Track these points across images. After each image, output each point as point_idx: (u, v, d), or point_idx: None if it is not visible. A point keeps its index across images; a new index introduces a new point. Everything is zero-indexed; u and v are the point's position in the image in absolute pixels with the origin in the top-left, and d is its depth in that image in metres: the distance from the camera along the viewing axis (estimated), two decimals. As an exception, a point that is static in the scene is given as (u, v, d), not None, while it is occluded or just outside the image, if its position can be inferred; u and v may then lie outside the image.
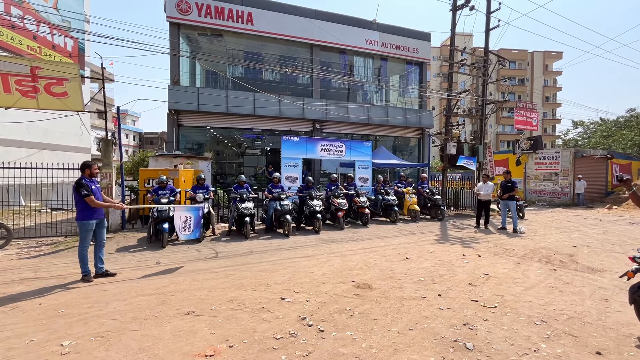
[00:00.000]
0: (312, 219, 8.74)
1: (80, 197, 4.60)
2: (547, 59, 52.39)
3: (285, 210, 8.27)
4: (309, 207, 8.74)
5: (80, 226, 4.73)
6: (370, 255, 6.19)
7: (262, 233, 8.42)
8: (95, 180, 4.95)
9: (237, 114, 14.68)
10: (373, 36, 17.40)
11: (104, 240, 5.03)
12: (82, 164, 4.88)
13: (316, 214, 8.60)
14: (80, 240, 4.76)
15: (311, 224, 8.91)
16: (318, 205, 8.73)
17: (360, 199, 10.00)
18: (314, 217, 8.63)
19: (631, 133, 26.19)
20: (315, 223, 8.65)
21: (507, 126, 47.82)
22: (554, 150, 19.51)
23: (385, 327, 3.26)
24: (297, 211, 9.09)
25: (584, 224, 10.66)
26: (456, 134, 14.00)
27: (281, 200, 8.36)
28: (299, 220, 9.15)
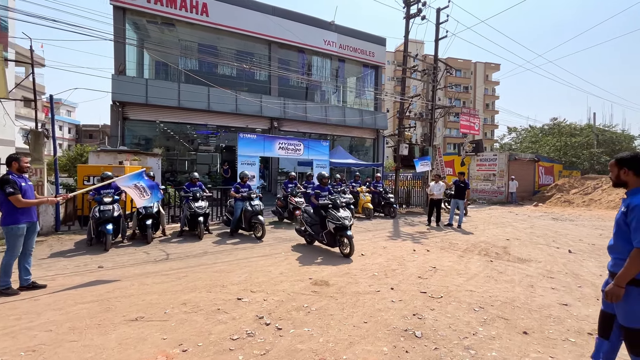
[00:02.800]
0: (335, 239, 6.16)
1: (5, 196, 4.00)
2: (487, 70, 57.41)
3: (257, 211, 7.54)
4: (333, 221, 5.99)
5: (7, 232, 4.01)
6: (328, 253, 6.31)
7: (226, 236, 7.98)
8: (25, 176, 4.35)
9: (190, 108, 14.03)
10: (331, 37, 17.70)
11: (32, 248, 4.31)
12: (8, 157, 4.24)
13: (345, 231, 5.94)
14: (7, 249, 4.07)
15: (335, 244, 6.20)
16: (348, 219, 6.00)
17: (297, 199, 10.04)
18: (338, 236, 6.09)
19: (553, 139, 29.77)
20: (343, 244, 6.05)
21: (454, 130, 51.54)
22: (493, 153, 21.50)
23: (342, 321, 3.37)
24: (313, 223, 6.53)
25: (516, 220, 11.91)
26: (408, 135, 14.78)
27: (251, 200, 7.66)
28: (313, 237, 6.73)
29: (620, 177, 2.21)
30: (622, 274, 1.98)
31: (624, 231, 2.07)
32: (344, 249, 6.05)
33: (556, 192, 19.22)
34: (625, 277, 1.98)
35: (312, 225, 6.53)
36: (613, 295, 2.02)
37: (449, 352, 2.79)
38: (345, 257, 5.92)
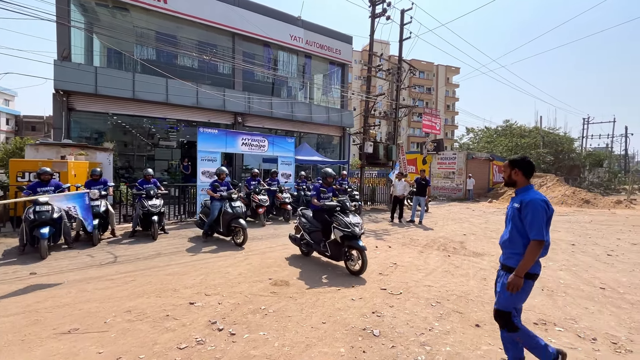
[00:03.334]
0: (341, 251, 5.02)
1: None
2: (448, 73, 60.14)
3: (238, 213, 6.61)
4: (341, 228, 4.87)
5: None
6: (290, 252, 6.17)
7: (197, 241, 7.48)
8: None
9: (146, 100, 13.15)
10: (298, 33, 17.45)
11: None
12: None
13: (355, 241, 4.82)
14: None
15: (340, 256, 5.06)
16: (359, 225, 4.88)
17: (283, 194, 9.96)
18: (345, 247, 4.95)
19: (506, 140, 31.85)
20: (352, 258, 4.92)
21: (417, 129, 53.42)
22: (452, 152, 22.52)
23: (300, 323, 3.26)
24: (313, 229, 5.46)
25: (472, 216, 12.54)
26: (373, 134, 15.01)
27: (232, 200, 6.72)
28: None
29: (512, 176, 2.40)
30: (522, 265, 2.16)
31: (519, 226, 2.25)
32: (353, 265, 4.88)
33: (508, 189, 20.56)
34: (525, 268, 2.16)
35: (312, 233, 5.44)
36: (514, 286, 2.17)
37: (405, 350, 2.78)
38: (354, 274, 4.78)
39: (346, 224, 4.85)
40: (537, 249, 2.13)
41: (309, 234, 5.51)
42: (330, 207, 5.15)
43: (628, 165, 42.29)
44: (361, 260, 4.74)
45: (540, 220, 2.14)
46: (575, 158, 31.68)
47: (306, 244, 5.69)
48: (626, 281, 4.73)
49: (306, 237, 5.58)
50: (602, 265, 5.64)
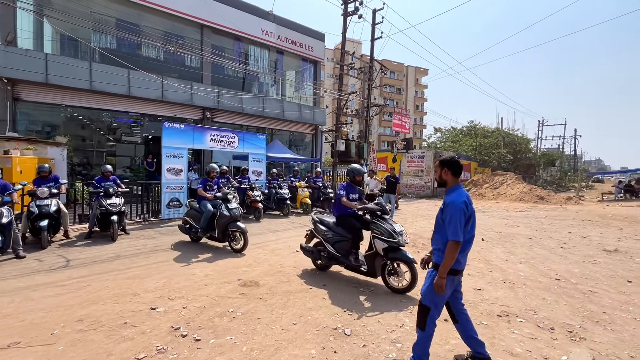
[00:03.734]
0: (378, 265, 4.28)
1: None
2: (418, 74, 62.01)
3: (236, 216, 5.90)
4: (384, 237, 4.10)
5: None
6: (260, 251, 6.01)
7: (181, 247, 7.06)
8: None
9: (105, 92, 12.29)
10: (269, 27, 17.12)
11: None
12: None
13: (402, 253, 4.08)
14: None
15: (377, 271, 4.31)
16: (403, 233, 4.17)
17: (254, 192, 9.72)
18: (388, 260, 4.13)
19: (470, 140, 33.42)
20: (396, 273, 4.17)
21: (387, 128, 54.61)
22: (421, 151, 23.25)
23: (269, 325, 3.15)
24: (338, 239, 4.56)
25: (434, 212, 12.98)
26: (345, 132, 15.09)
27: (227, 202, 5.99)
28: None
29: (442, 176, 2.46)
30: (443, 265, 2.25)
31: (441, 225, 2.36)
32: (398, 281, 4.08)
33: (472, 186, 21.57)
34: (445, 269, 2.24)
35: (337, 243, 4.50)
36: (438, 287, 2.26)
37: (376, 348, 2.77)
38: (399, 292, 4.02)
39: (390, 232, 4.04)
40: (454, 249, 2.21)
41: (333, 244, 4.53)
42: (372, 210, 4.26)
43: (577, 164, 45.95)
44: (411, 275, 3.93)
45: (457, 221, 2.22)
46: (532, 158, 33.92)
47: (328, 257, 4.64)
48: (578, 272, 5.08)
49: (329, 248, 4.56)
50: (557, 257, 6.02)
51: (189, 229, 6.48)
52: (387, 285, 4.14)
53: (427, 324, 2.37)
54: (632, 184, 20.82)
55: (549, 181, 29.65)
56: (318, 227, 4.79)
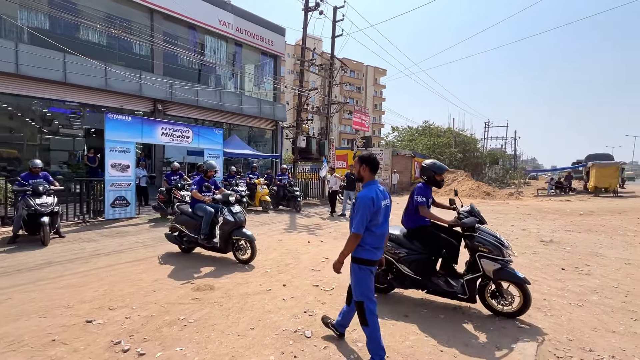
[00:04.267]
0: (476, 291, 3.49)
1: None
2: (377, 74, 63.75)
3: (241, 221, 5.03)
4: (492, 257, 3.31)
5: None
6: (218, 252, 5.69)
7: (106, 243, 6.39)
8: None
9: (35, 77, 10.93)
10: (227, 18, 16.41)
11: None
12: None
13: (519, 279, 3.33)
14: None
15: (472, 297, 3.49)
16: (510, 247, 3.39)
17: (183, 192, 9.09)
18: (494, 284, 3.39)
19: (425, 139, 35.16)
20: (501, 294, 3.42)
21: (348, 126, 55.50)
22: (380, 149, 23.91)
23: (224, 331, 2.94)
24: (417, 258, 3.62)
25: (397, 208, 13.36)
26: (306, 128, 14.97)
27: (230, 205, 5.10)
28: None
29: (360, 172, 2.58)
30: (341, 254, 2.46)
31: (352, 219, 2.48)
32: (503, 304, 3.33)
33: (426, 183, 22.68)
34: (343, 255, 2.45)
35: (414, 263, 3.53)
36: (334, 268, 2.50)
37: (337, 349, 2.70)
38: (508, 316, 3.30)
39: (498, 247, 3.24)
40: (353, 241, 2.38)
41: (409, 263, 3.54)
42: (470, 224, 3.38)
43: (516, 163, 50.48)
44: (522, 297, 3.21)
45: (362, 215, 2.34)
46: (479, 157, 36.57)
47: (401, 279, 3.65)
48: (520, 262, 5.47)
49: (403, 270, 3.56)
50: (502, 249, 6.46)
51: (179, 238, 5.50)
52: (489, 309, 3.41)
53: (367, 318, 2.44)
54: (561, 181, 23.30)
55: (494, 178, 32.14)
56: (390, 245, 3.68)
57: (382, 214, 2.46)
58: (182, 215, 5.47)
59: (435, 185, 3.75)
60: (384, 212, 2.48)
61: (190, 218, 5.33)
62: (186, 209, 5.55)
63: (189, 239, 5.33)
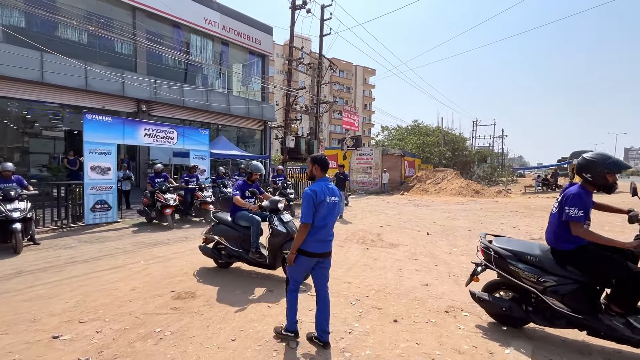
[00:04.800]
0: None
1: None
2: (366, 74, 63.92)
3: (293, 232, 4.11)
4: None
5: None
6: (200, 257, 5.45)
7: (86, 249, 6.06)
8: None
9: (10, 77, 10.47)
10: (213, 17, 16.10)
11: None
12: None
13: None
14: None
15: None
16: None
17: (204, 193, 8.69)
18: None
19: (415, 138, 35.35)
20: None
21: (338, 126, 55.48)
22: (369, 148, 23.87)
23: (204, 343, 2.74)
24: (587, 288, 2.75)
25: (388, 208, 13.36)
26: (294, 128, 14.79)
27: (279, 212, 4.26)
28: None
29: (312, 171, 2.81)
30: (293, 245, 2.69)
31: None
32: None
33: (417, 182, 22.73)
34: (294, 248, 2.67)
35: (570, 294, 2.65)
36: (289, 260, 2.72)
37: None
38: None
39: None
40: (302, 231, 2.62)
41: (562, 296, 2.67)
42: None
43: (504, 161, 51.26)
44: None
45: (306, 207, 2.62)
46: (467, 155, 36.95)
47: (547, 315, 2.84)
48: (512, 261, 5.41)
49: (555, 305, 2.70)
50: (493, 247, 6.40)
51: (216, 251, 4.79)
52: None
53: (287, 291, 2.80)
54: (548, 178, 23.69)
55: (482, 176, 32.51)
56: (518, 266, 2.87)
57: (326, 208, 2.66)
58: (221, 225, 4.76)
59: (605, 189, 2.74)
60: (327, 207, 2.67)
61: (231, 228, 4.62)
62: (225, 218, 4.80)
63: (229, 252, 4.60)
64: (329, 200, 2.66)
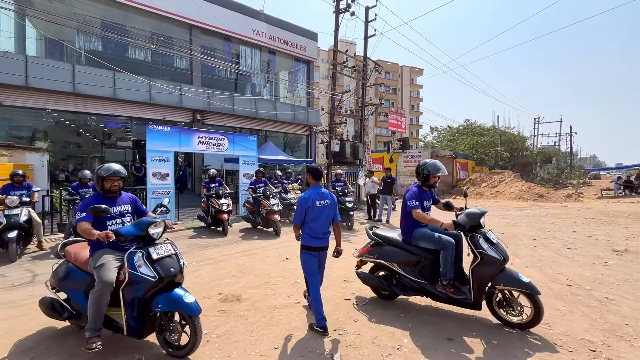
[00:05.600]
0: None
1: None
2: (413, 74, 61.87)
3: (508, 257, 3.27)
4: None
5: None
6: (247, 259, 5.59)
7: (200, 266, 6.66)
8: None
9: (90, 95, 11.86)
10: (260, 27, 16.76)
11: None
12: None
13: None
14: None
15: None
16: None
17: (270, 201, 7.87)
18: None
19: (467, 138, 33.18)
20: None
21: (383, 129, 54.36)
22: (417, 150, 22.92)
23: (247, 349, 2.73)
24: None
25: (438, 213, 12.56)
26: (339, 132, 14.70)
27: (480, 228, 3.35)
28: None
29: (308, 180, 3.37)
30: None
31: None
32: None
33: (470, 185, 21.24)
34: None
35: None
36: None
37: (370, 378, 2.36)
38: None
39: None
40: (294, 230, 3.26)
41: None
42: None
43: (573, 161, 45.87)
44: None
45: (298, 211, 3.15)
46: (528, 155, 33.72)
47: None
48: (590, 276, 4.70)
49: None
50: (564, 259, 5.64)
51: (383, 280, 3.69)
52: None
53: (310, 289, 3.17)
54: (631, 179, 20.55)
55: (547, 179, 29.36)
56: None
57: (316, 210, 3.12)
58: (388, 247, 3.65)
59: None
60: (317, 209, 3.12)
61: (406, 251, 3.52)
62: (393, 237, 3.70)
63: (405, 283, 3.51)
64: (318, 204, 3.12)
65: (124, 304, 2.52)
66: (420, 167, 3.75)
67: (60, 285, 2.95)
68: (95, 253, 2.66)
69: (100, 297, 2.43)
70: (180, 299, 2.55)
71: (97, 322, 2.46)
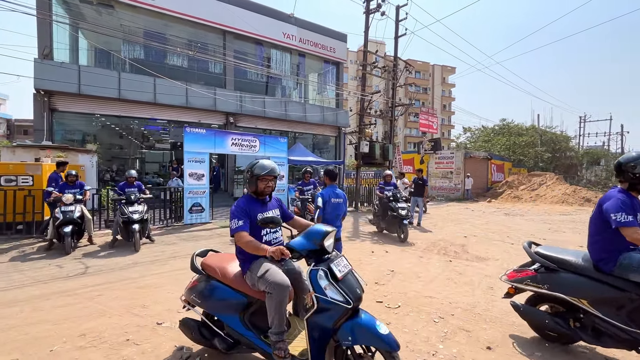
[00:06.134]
0: None
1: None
2: (444, 73, 59.96)
3: None
4: None
5: None
6: (279, 258, 5.70)
7: (185, 246, 7.06)
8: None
9: (132, 100, 12.67)
10: (291, 30, 17.05)
11: None
12: None
13: None
14: None
15: None
16: None
17: None
18: None
19: (503, 139, 31.59)
20: None
21: (414, 129, 53.17)
22: (450, 151, 22.17)
23: (282, 347, 2.79)
24: None
25: (472, 216, 12.13)
26: (369, 133, 14.58)
27: None
28: None
29: (325, 181, 4.36)
30: None
31: None
32: None
33: (507, 188, 20.22)
34: None
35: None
36: None
37: (404, 383, 2.33)
38: None
39: None
40: (317, 221, 3.73)
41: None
42: None
43: (625, 163, 42.10)
44: None
45: (318, 205, 4.11)
46: (573, 156, 31.48)
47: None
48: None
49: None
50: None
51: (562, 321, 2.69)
52: None
53: None
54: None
55: (594, 181, 27.22)
56: None
57: (331, 205, 4.16)
58: (567, 275, 2.65)
59: None
60: (332, 205, 4.17)
61: (603, 284, 2.48)
62: (574, 261, 2.67)
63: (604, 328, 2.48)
64: (333, 201, 4.17)
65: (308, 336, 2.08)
66: (632, 162, 2.43)
67: (208, 307, 2.48)
68: (253, 264, 2.31)
69: (279, 303, 2.14)
70: (374, 329, 1.99)
71: (281, 325, 2.18)
